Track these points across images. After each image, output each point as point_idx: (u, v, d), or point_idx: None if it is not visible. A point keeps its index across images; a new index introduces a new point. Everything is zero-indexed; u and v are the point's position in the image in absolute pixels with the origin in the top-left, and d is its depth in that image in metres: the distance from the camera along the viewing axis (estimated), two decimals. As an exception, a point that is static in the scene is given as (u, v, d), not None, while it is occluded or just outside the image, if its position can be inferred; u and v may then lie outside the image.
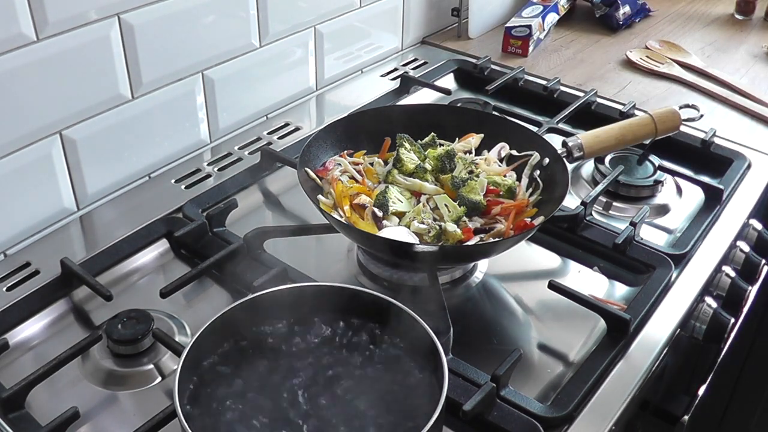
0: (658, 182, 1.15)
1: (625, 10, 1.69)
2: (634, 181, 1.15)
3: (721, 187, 1.12)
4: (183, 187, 1.14)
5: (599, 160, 1.18)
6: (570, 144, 1.05)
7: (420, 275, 0.95)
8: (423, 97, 1.41)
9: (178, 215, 1.07)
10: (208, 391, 0.71)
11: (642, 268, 1.00)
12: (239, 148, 1.24)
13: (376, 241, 0.90)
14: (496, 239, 0.92)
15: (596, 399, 0.81)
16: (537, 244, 1.05)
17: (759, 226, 1.13)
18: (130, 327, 0.86)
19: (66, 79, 0.99)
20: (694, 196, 1.15)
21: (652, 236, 1.06)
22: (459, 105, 1.32)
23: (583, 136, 1.06)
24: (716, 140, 1.24)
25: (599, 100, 1.38)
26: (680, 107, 1.17)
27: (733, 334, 1.01)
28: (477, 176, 1.00)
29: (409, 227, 0.93)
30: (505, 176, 1.02)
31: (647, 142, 1.14)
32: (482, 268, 1.01)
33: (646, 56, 1.55)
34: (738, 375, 1.56)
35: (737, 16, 1.77)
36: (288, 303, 0.78)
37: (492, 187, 0.99)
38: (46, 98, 0.98)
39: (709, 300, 0.99)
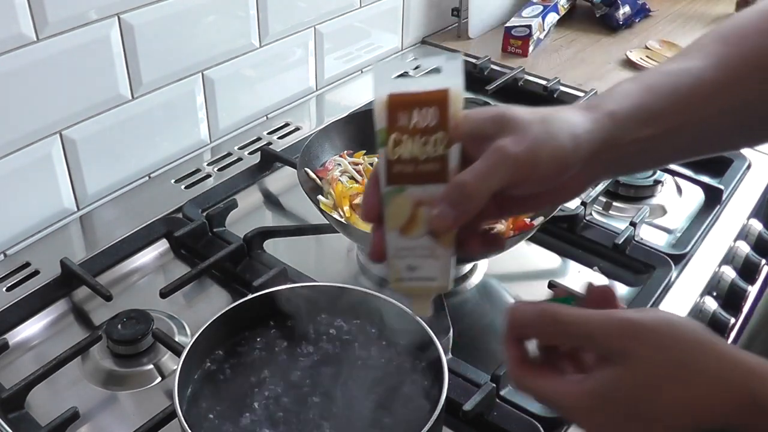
0: (657, 182, 1.15)
1: (625, 10, 1.69)
2: (634, 181, 1.15)
3: (721, 187, 1.12)
4: (183, 187, 1.14)
5: (599, 160, 1.17)
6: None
7: (420, 275, 0.95)
8: (423, 97, 1.40)
9: (178, 215, 1.07)
10: (208, 391, 0.71)
11: (642, 268, 1.00)
12: (239, 148, 1.24)
13: (376, 241, 0.90)
14: (496, 239, 0.92)
15: (596, 399, 0.81)
16: (537, 244, 1.05)
17: (759, 226, 1.13)
18: (130, 327, 0.86)
19: (66, 79, 0.99)
20: (694, 196, 1.15)
21: (652, 236, 1.06)
22: (459, 105, 1.32)
23: (583, 136, 1.06)
24: (716, 140, 1.24)
25: None
26: (680, 107, 1.16)
27: (733, 334, 1.01)
28: (477, 176, 1.00)
29: (409, 227, 0.93)
30: (505, 176, 1.02)
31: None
32: (482, 268, 1.00)
33: (646, 56, 1.55)
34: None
35: (737, 16, 1.77)
36: (288, 303, 0.78)
37: (492, 187, 0.99)
38: (46, 98, 0.98)
39: (709, 300, 0.99)
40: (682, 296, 0.96)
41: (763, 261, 1.10)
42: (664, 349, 0.47)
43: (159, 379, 0.85)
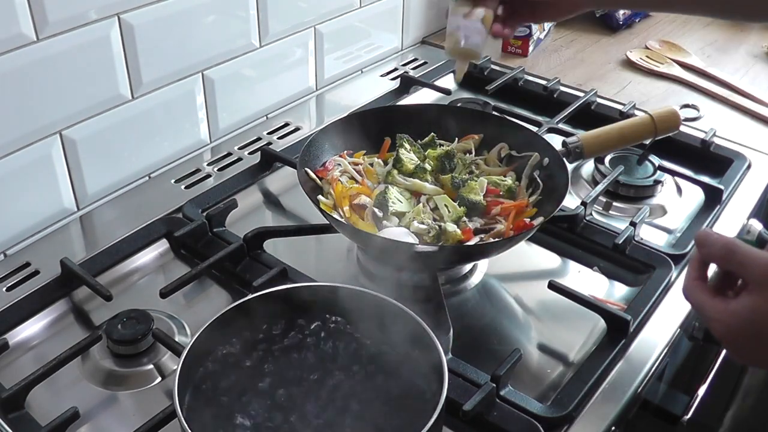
0: (658, 182, 1.15)
1: (625, 9, 1.69)
2: (634, 181, 1.15)
3: (721, 187, 1.12)
4: (183, 187, 1.14)
5: (599, 160, 1.18)
6: (570, 144, 1.05)
7: (420, 275, 0.95)
8: (423, 97, 1.41)
9: (178, 215, 1.07)
10: (208, 391, 0.71)
11: (642, 268, 1.00)
12: (239, 148, 1.24)
13: (376, 241, 0.90)
14: (496, 239, 0.92)
15: (596, 399, 0.81)
16: (537, 244, 1.05)
17: (759, 226, 1.13)
18: (130, 327, 0.86)
19: (66, 79, 0.99)
20: (694, 196, 1.15)
21: (652, 236, 1.06)
22: (459, 105, 1.32)
23: (583, 136, 1.06)
24: (716, 140, 1.24)
25: (599, 100, 1.38)
26: (680, 107, 1.16)
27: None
28: (477, 176, 1.00)
29: (408, 227, 0.93)
30: (505, 176, 1.02)
31: (647, 142, 1.14)
32: (482, 268, 1.01)
33: (646, 56, 1.55)
34: (738, 375, 1.56)
35: (737, 16, 1.77)
36: (288, 303, 0.78)
37: (492, 187, 0.99)
38: (46, 98, 0.98)
39: (709, 300, 0.99)
40: (682, 296, 0.95)
41: (763, 261, 1.10)
42: None
43: (159, 379, 0.85)
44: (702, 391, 1.04)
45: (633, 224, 1.02)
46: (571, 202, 1.07)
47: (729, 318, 0.60)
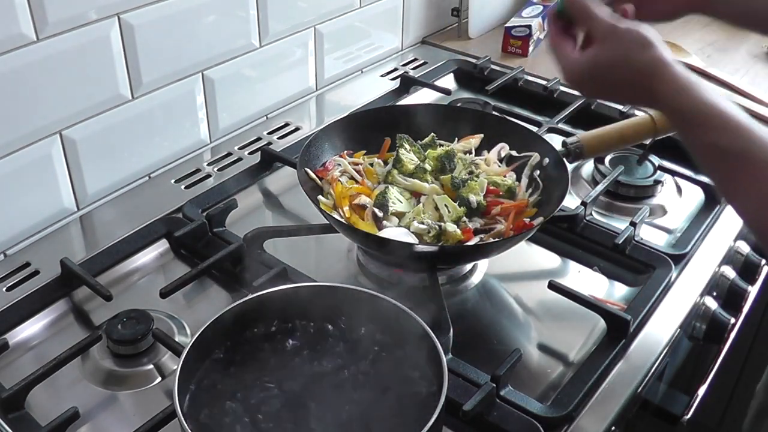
0: (658, 182, 1.15)
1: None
2: (634, 181, 1.15)
3: (721, 187, 1.12)
4: (183, 187, 1.14)
5: (599, 160, 1.18)
6: (570, 144, 1.05)
7: (420, 275, 0.95)
8: (423, 97, 1.41)
9: (178, 215, 1.07)
10: (208, 391, 0.71)
11: (642, 268, 1.00)
12: (239, 148, 1.24)
13: (376, 241, 0.90)
14: (496, 239, 0.92)
15: (596, 399, 0.81)
16: (537, 244, 1.05)
17: (759, 226, 1.13)
18: (130, 327, 0.86)
19: (66, 79, 0.99)
20: (694, 196, 1.15)
21: (652, 236, 1.06)
22: (459, 105, 1.32)
23: (583, 136, 1.06)
24: (716, 140, 1.24)
25: (599, 100, 1.38)
26: (680, 107, 1.15)
27: (733, 334, 1.01)
28: (477, 177, 1.00)
29: (408, 227, 0.93)
30: (505, 176, 1.02)
31: (647, 142, 1.14)
32: (482, 268, 1.01)
33: (646, 56, 1.55)
34: (738, 375, 1.56)
35: (737, 16, 1.77)
36: (287, 303, 0.78)
37: (492, 188, 0.99)
38: (46, 98, 0.98)
39: (709, 300, 0.99)
40: (682, 296, 0.96)
41: (763, 261, 1.10)
42: (626, 47, 0.71)
43: (159, 379, 0.85)
44: (702, 391, 1.04)
45: (633, 224, 1.02)
46: (571, 202, 1.07)
47: (579, 67, 0.74)
